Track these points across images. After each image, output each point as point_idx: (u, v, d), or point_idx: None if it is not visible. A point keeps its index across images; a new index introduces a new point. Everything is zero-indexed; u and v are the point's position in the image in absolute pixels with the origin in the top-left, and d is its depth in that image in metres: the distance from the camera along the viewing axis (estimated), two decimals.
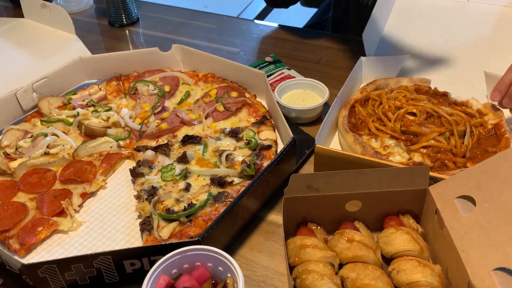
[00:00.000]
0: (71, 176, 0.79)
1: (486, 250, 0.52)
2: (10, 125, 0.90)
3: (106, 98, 0.99)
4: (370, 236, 0.65)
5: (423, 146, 0.77)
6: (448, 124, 0.80)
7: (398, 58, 1.03)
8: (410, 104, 0.84)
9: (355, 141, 0.78)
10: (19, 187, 0.77)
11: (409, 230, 0.63)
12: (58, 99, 0.97)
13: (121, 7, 1.32)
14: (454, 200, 0.58)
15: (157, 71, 1.05)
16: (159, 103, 0.96)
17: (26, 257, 0.68)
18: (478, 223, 0.54)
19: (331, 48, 1.20)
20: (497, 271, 0.50)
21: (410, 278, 0.58)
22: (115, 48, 1.24)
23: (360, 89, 0.92)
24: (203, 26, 1.36)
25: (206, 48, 1.20)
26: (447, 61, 1.05)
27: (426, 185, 0.63)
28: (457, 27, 1.19)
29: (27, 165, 0.80)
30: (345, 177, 0.62)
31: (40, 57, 1.14)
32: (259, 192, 0.72)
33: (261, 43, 1.29)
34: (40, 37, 1.20)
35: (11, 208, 0.73)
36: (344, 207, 0.66)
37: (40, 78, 0.95)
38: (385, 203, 0.66)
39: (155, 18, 1.40)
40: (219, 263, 0.56)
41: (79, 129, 0.90)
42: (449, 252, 0.57)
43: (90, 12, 1.45)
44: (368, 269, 0.59)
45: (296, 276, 0.60)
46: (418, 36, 1.15)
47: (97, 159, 0.83)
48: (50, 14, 1.20)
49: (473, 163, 0.74)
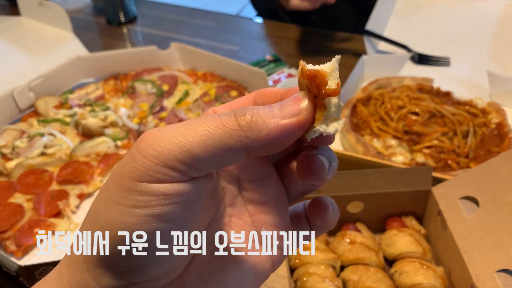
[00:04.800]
0: (68, 176, 0.78)
1: (490, 251, 0.51)
2: (6, 125, 0.89)
3: (103, 98, 0.98)
4: (372, 238, 0.64)
5: (426, 146, 0.76)
6: (451, 124, 0.80)
7: (400, 57, 1.02)
8: (413, 104, 0.83)
9: (357, 141, 0.77)
10: (15, 188, 0.76)
11: (412, 231, 0.63)
12: (55, 99, 0.96)
13: (119, 5, 1.30)
14: (457, 201, 0.58)
15: (156, 70, 1.04)
16: (157, 103, 0.95)
17: (23, 258, 0.67)
18: (482, 224, 0.54)
19: (333, 47, 1.19)
20: (501, 273, 0.49)
21: (413, 280, 0.57)
22: (113, 46, 1.23)
23: (362, 88, 0.91)
24: (202, 24, 1.34)
25: (205, 46, 1.19)
26: (450, 60, 1.05)
27: (429, 185, 0.63)
28: (460, 25, 1.18)
29: (23, 166, 0.79)
30: (346, 178, 0.61)
31: (37, 56, 1.12)
32: None
33: (261, 41, 1.27)
34: (37, 36, 1.19)
35: (7, 209, 0.72)
36: (346, 208, 0.65)
37: (37, 77, 0.94)
38: (387, 204, 0.65)
39: (153, 16, 1.39)
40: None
41: (76, 129, 0.89)
42: (452, 253, 0.56)
43: (87, 10, 1.44)
44: (370, 271, 0.58)
45: (297, 278, 0.59)
46: (421, 34, 1.15)
47: (95, 159, 0.82)
48: (47, 12, 1.19)
49: (476, 163, 0.73)
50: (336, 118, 0.25)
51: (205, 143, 0.23)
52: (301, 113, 0.24)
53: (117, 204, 0.23)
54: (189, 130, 0.23)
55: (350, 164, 0.70)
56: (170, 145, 0.23)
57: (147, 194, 0.23)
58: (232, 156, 0.24)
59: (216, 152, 0.23)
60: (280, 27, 1.32)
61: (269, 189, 0.29)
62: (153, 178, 0.23)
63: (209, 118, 0.24)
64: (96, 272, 0.24)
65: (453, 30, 1.16)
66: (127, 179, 0.23)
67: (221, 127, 0.23)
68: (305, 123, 0.24)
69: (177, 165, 0.23)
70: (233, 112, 0.24)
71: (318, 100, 0.25)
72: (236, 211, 0.29)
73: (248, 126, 0.23)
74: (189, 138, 0.23)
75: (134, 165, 0.23)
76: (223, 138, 0.23)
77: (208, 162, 0.23)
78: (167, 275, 0.25)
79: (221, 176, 0.29)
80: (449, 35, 1.15)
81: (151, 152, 0.23)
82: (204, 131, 0.23)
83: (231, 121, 0.23)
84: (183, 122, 0.24)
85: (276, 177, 0.30)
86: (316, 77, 0.24)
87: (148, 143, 0.23)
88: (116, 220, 0.23)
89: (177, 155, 0.23)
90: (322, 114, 0.25)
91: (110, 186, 0.24)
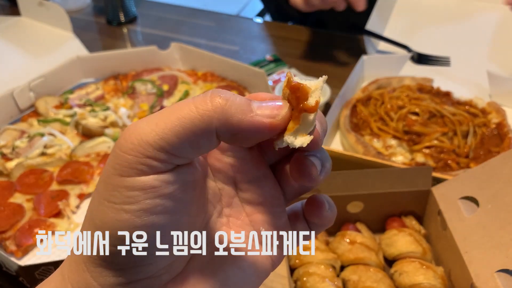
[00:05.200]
0: (69, 176, 0.78)
1: (489, 251, 0.51)
2: (6, 125, 0.89)
3: (103, 98, 0.98)
4: (372, 238, 0.64)
5: (426, 146, 0.76)
6: (451, 124, 0.80)
7: (400, 57, 1.02)
8: (413, 104, 0.83)
9: (357, 141, 0.77)
10: (15, 188, 0.76)
11: (412, 231, 0.63)
12: (55, 99, 0.96)
13: (119, 5, 1.30)
14: (457, 201, 0.58)
15: (156, 70, 1.04)
16: (157, 103, 0.95)
17: (23, 258, 0.67)
18: (481, 224, 0.54)
19: (333, 46, 1.19)
20: (500, 273, 0.49)
21: (413, 280, 0.57)
22: (113, 46, 1.23)
23: (362, 88, 0.91)
24: (202, 24, 1.34)
25: (205, 46, 1.19)
26: (450, 60, 1.05)
27: (429, 186, 0.63)
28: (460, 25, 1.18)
29: (23, 166, 0.79)
30: (346, 178, 0.61)
31: (37, 56, 1.12)
32: None
33: (261, 41, 1.27)
34: (37, 36, 1.19)
35: (7, 209, 0.72)
36: (346, 208, 0.65)
37: (37, 77, 0.94)
38: (387, 204, 0.65)
39: (153, 16, 1.39)
40: None
41: (76, 129, 0.89)
42: (452, 253, 0.56)
43: (87, 10, 1.44)
44: (370, 271, 0.58)
45: (296, 278, 0.59)
46: (421, 34, 1.15)
47: (95, 159, 0.82)
48: (47, 12, 1.18)
49: (476, 164, 0.73)
50: (305, 134, 0.25)
51: (177, 128, 0.23)
52: (276, 118, 0.25)
53: (108, 203, 0.24)
54: (162, 118, 0.23)
55: (350, 164, 0.70)
56: (145, 135, 0.23)
57: (134, 189, 0.23)
58: (205, 139, 0.24)
59: (188, 136, 0.23)
60: (280, 27, 1.32)
61: (266, 190, 0.30)
62: (137, 171, 0.23)
63: (181, 103, 0.24)
64: (97, 271, 0.25)
65: (453, 30, 1.16)
66: (113, 176, 0.24)
67: (193, 110, 0.23)
68: (277, 127, 0.25)
69: (155, 154, 0.23)
70: (209, 92, 0.24)
71: (294, 112, 0.25)
72: (234, 211, 0.30)
73: (221, 108, 0.24)
74: (161, 126, 0.23)
75: (116, 161, 0.24)
76: (194, 120, 0.23)
77: (184, 147, 0.24)
78: (167, 272, 0.26)
79: (217, 177, 0.29)
80: (449, 35, 1.15)
81: (130, 146, 0.23)
82: (176, 117, 0.23)
83: (204, 102, 0.24)
84: (159, 111, 0.24)
85: (272, 178, 0.30)
86: (298, 90, 0.25)
87: (126, 138, 0.24)
88: (109, 219, 0.24)
89: (153, 144, 0.23)
90: (294, 127, 0.25)
91: (99, 186, 0.25)
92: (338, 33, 1.23)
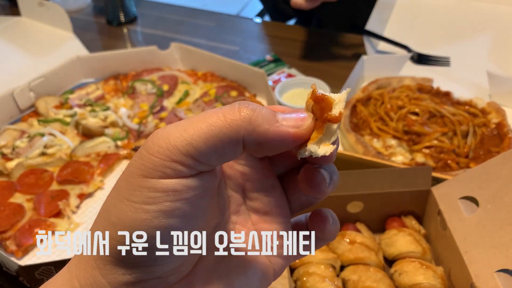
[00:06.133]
0: (69, 176, 0.78)
1: (489, 251, 0.51)
2: (6, 125, 0.89)
3: (103, 98, 0.98)
4: (372, 238, 0.64)
5: (426, 146, 0.77)
6: (451, 124, 0.80)
7: (400, 57, 1.02)
8: (413, 104, 0.83)
9: (357, 141, 0.77)
10: (15, 188, 0.76)
11: (412, 231, 0.63)
12: (55, 99, 0.96)
13: (119, 5, 1.31)
14: (457, 201, 0.58)
15: (156, 70, 1.04)
16: (157, 103, 0.95)
17: (23, 258, 0.67)
18: (481, 224, 0.54)
19: (333, 47, 1.19)
20: (500, 273, 0.49)
21: (413, 280, 0.57)
22: (113, 46, 1.23)
23: (362, 88, 0.91)
24: (202, 24, 1.34)
25: (205, 46, 1.19)
26: (450, 60, 1.05)
27: (428, 185, 0.63)
28: (460, 25, 1.18)
29: (24, 166, 0.79)
30: (346, 178, 0.61)
31: (37, 56, 1.12)
32: None
33: (261, 41, 1.27)
34: (37, 36, 1.19)
35: (7, 209, 0.72)
36: (346, 208, 0.65)
37: (37, 77, 0.94)
38: (387, 204, 0.65)
39: (153, 16, 1.39)
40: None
41: (76, 129, 0.89)
42: (452, 253, 0.56)
43: (87, 10, 1.44)
44: (370, 271, 0.58)
45: (296, 278, 0.59)
46: (420, 34, 1.15)
47: (95, 159, 0.82)
48: (47, 12, 1.19)
49: (476, 163, 0.73)
50: (328, 144, 0.26)
51: (205, 135, 0.24)
52: (301, 128, 0.26)
53: (127, 201, 0.24)
54: (191, 124, 0.24)
55: (349, 164, 0.70)
56: (174, 140, 0.24)
57: (156, 191, 0.24)
58: (231, 147, 0.25)
59: (216, 143, 0.24)
60: (280, 27, 1.32)
61: (273, 200, 0.30)
62: (161, 174, 0.24)
63: (210, 111, 0.25)
64: (106, 269, 0.25)
65: (453, 30, 1.16)
66: (136, 176, 0.24)
67: (222, 118, 0.24)
68: (302, 137, 0.26)
69: (182, 159, 0.24)
70: (237, 103, 0.25)
71: (318, 122, 0.26)
72: (240, 219, 0.30)
73: (248, 118, 0.25)
74: (191, 132, 0.24)
75: (142, 162, 0.24)
76: (223, 128, 0.24)
77: (210, 154, 0.24)
78: (175, 273, 0.26)
79: (228, 184, 0.30)
80: (449, 35, 1.15)
81: (157, 149, 0.24)
82: (204, 124, 0.24)
83: (232, 112, 0.25)
84: (188, 118, 0.25)
85: (279, 188, 0.31)
86: (323, 100, 0.26)
87: (154, 141, 0.24)
88: (127, 217, 0.24)
89: (180, 149, 0.24)
90: (318, 137, 0.26)
91: (120, 185, 0.25)
92: (338, 33, 1.23)
